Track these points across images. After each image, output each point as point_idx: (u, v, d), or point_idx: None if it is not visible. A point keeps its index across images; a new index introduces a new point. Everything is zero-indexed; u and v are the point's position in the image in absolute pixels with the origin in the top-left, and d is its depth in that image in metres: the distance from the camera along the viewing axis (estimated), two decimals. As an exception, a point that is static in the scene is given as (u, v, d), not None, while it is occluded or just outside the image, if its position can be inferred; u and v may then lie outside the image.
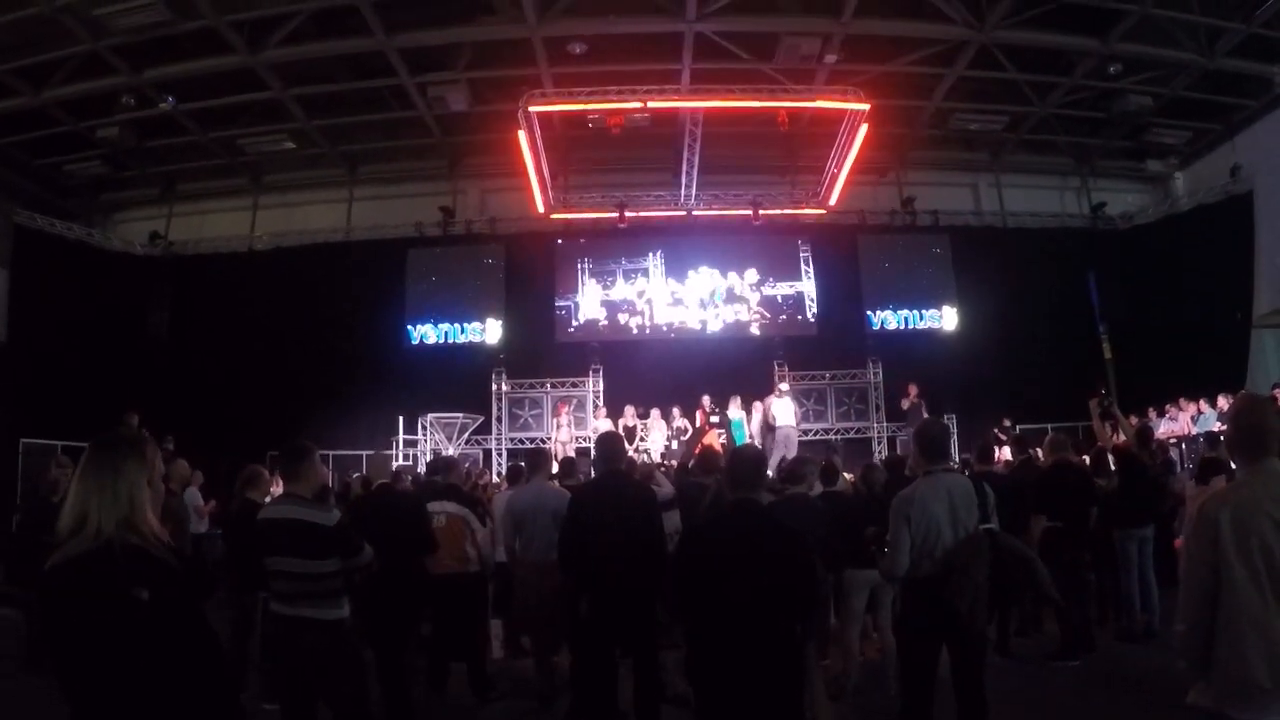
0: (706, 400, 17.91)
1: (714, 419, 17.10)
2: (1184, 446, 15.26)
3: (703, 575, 4.06)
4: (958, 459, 12.89)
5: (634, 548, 5.81)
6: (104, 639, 2.82)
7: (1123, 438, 10.12)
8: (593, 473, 7.75)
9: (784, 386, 19.10)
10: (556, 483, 8.32)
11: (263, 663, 7.51)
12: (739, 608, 3.94)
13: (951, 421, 17.67)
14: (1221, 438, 12.78)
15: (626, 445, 16.96)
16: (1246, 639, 3.10)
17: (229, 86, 18.65)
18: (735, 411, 18.20)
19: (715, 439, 15.94)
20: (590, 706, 6.30)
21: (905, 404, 18.74)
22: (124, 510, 2.96)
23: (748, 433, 18.23)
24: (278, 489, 13.80)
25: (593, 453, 8.99)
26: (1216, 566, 3.19)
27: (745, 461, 4.54)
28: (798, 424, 18.80)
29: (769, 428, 17.88)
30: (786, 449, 16.92)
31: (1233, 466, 10.09)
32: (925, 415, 17.70)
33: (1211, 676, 3.22)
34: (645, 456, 16.85)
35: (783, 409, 18.08)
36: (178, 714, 2.89)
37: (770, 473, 8.76)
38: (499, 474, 17.29)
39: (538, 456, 8.27)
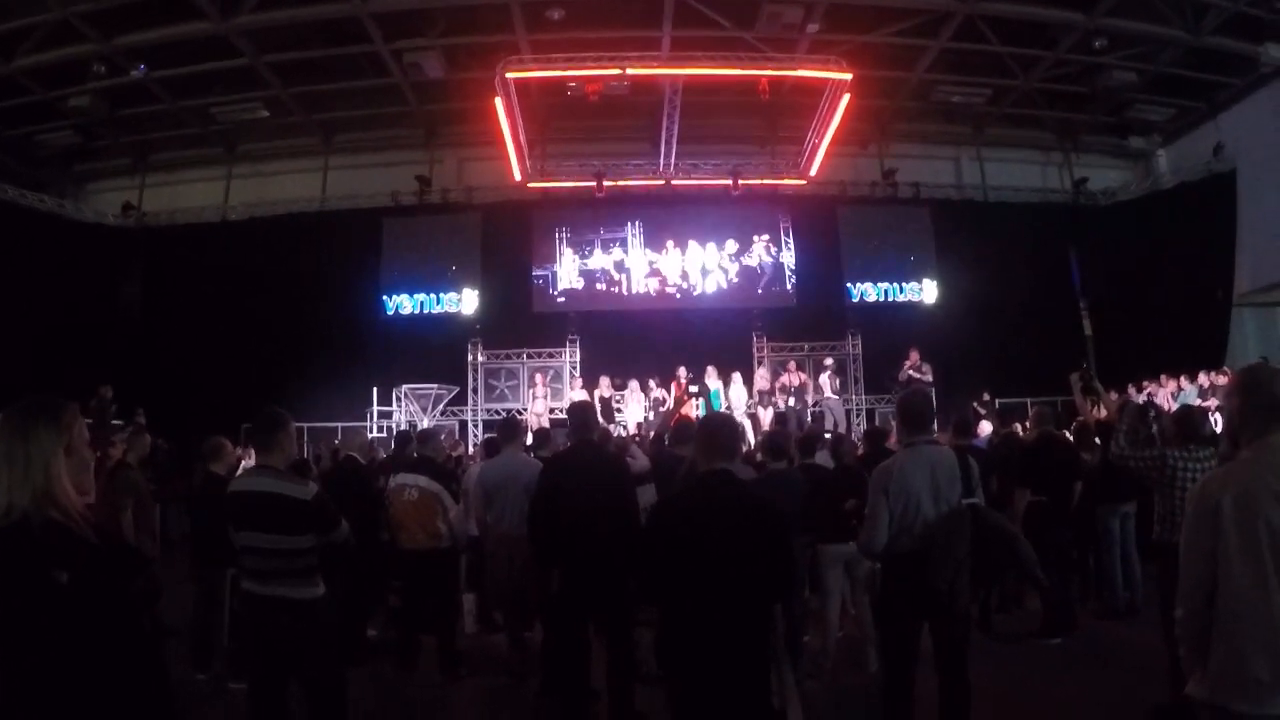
0: (682, 372, 17.80)
1: (692, 389, 16.97)
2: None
3: (671, 549, 3.89)
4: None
5: (606, 520, 5.66)
6: (20, 622, 2.59)
7: (1104, 413, 10.00)
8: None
9: (828, 361, 19.60)
10: (531, 454, 8.13)
11: (230, 641, 7.34)
12: (709, 583, 3.77)
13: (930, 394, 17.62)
14: (1216, 410, 12.79)
15: (600, 416, 17.04)
16: (1244, 629, 2.96)
17: (201, 54, 18.34)
18: (712, 382, 18.13)
19: (693, 410, 15.80)
20: (561, 683, 6.18)
21: (905, 372, 18.23)
22: (38, 482, 2.68)
23: (724, 403, 18.17)
24: (250, 460, 13.73)
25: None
26: (1214, 553, 3.03)
27: (716, 430, 4.35)
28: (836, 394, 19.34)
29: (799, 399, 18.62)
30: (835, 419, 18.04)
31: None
32: (930, 380, 17.63)
33: (1209, 666, 3.07)
34: (622, 429, 16.75)
35: (825, 382, 18.87)
36: (103, 702, 2.67)
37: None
38: (474, 445, 17.14)
39: (510, 427, 8.05)
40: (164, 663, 2.98)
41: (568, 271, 21.58)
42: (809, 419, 18.08)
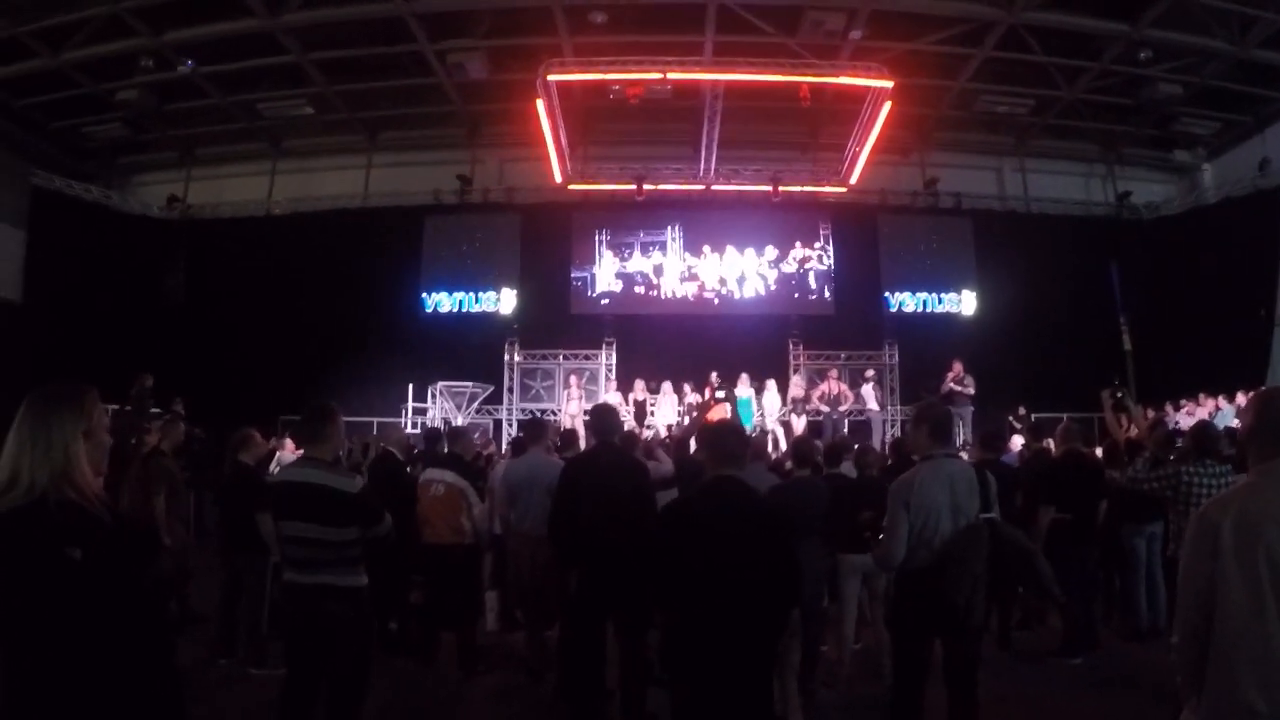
0: (714, 377, 17.80)
1: (719, 395, 16.95)
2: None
3: (677, 554, 3.93)
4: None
5: (624, 522, 5.71)
6: (33, 598, 2.69)
7: (1136, 431, 9.92)
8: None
9: (870, 373, 19.65)
10: (556, 455, 8.20)
11: (270, 630, 7.46)
12: (713, 588, 3.81)
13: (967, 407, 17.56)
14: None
15: (630, 419, 17.09)
16: (1241, 658, 2.87)
17: (248, 50, 18.57)
18: (744, 389, 18.12)
19: (721, 415, 15.79)
20: (577, 682, 6.22)
21: (947, 384, 17.90)
22: (58, 464, 2.80)
23: (756, 411, 18.17)
24: (286, 451, 13.92)
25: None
26: (1213, 578, 2.95)
27: (723, 437, 4.37)
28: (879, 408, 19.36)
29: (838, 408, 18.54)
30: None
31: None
32: (972, 393, 17.52)
33: (1203, 695, 3.00)
34: (649, 432, 16.79)
35: (869, 393, 18.90)
36: (108, 676, 2.75)
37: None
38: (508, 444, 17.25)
39: (535, 427, 8.15)
40: (173, 644, 3.07)
41: (606, 274, 21.64)
42: (845, 429, 18.01)
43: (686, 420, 17.54)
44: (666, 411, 18.47)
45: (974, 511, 5.13)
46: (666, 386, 18.72)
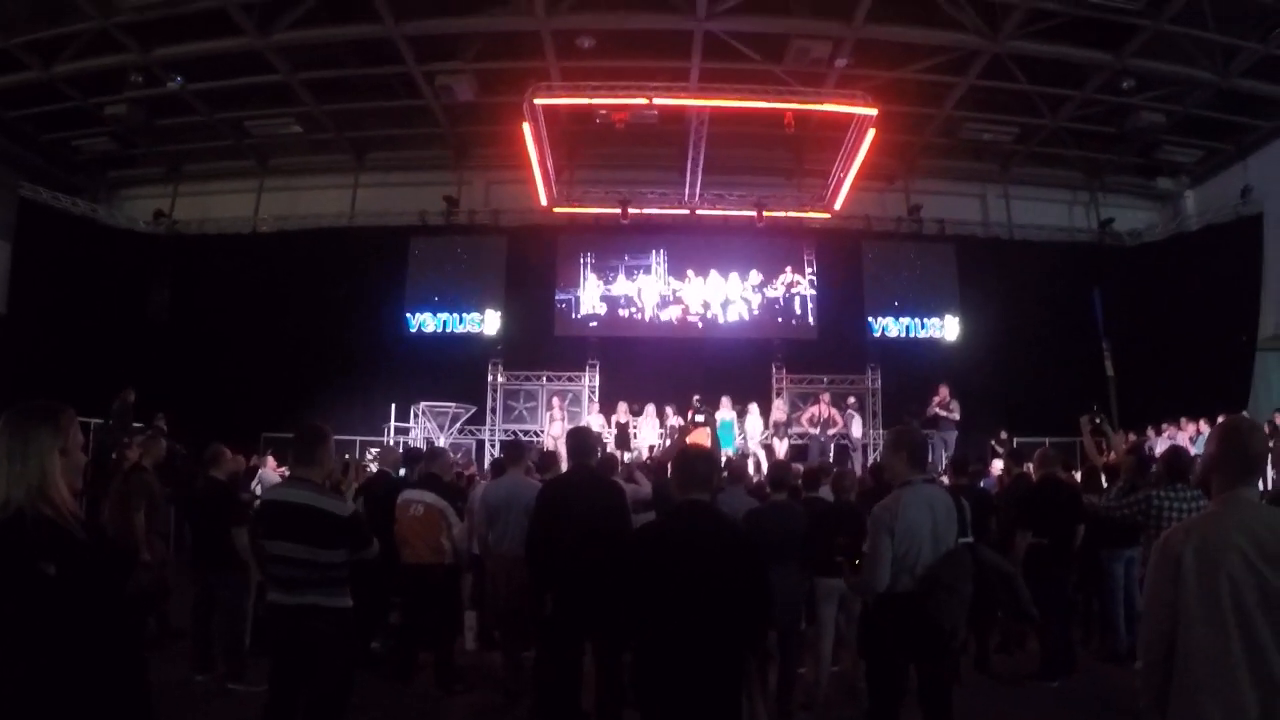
0: (696, 399, 17.85)
1: (699, 418, 16.98)
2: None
3: (645, 578, 3.96)
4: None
5: (600, 544, 5.66)
6: (6, 612, 2.71)
7: (1113, 456, 9.98)
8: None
9: (851, 400, 19.87)
10: (535, 476, 8.21)
11: (254, 648, 7.45)
12: (681, 611, 3.83)
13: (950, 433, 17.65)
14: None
15: (611, 441, 17.09)
16: (1202, 686, 2.93)
17: (237, 68, 18.60)
18: (726, 413, 18.21)
19: (702, 438, 15.80)
20: (552, 704, 6.22)
21: (933, 409, 18.02)
22: (34, 480, 2.83)
23: (738, 434, 18.21)
24: (268, 469, 13.89)
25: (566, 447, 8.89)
26: (1175, 603, 3.01)
27: (691, 462, 4.39)
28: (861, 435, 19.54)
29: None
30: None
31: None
32: (957, 418, 17.60)
33: (1168, 717, 3.06)
34: (633, 454, 16.82)
35: (855, 423, 19.23)
36: (80, 691, 2.76)
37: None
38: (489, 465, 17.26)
39: (515, 449, 8.17)
40: (144, 661, 3.08)
41: (590, 296, 21.68)
42: (832, 452, 18.07)
43: (668, 442, 17.56)
44: (649, 433, 18.49)
45: (953, 537, 5.15)
46: (650, 409, 18.77)
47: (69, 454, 3.01)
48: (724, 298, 21.61)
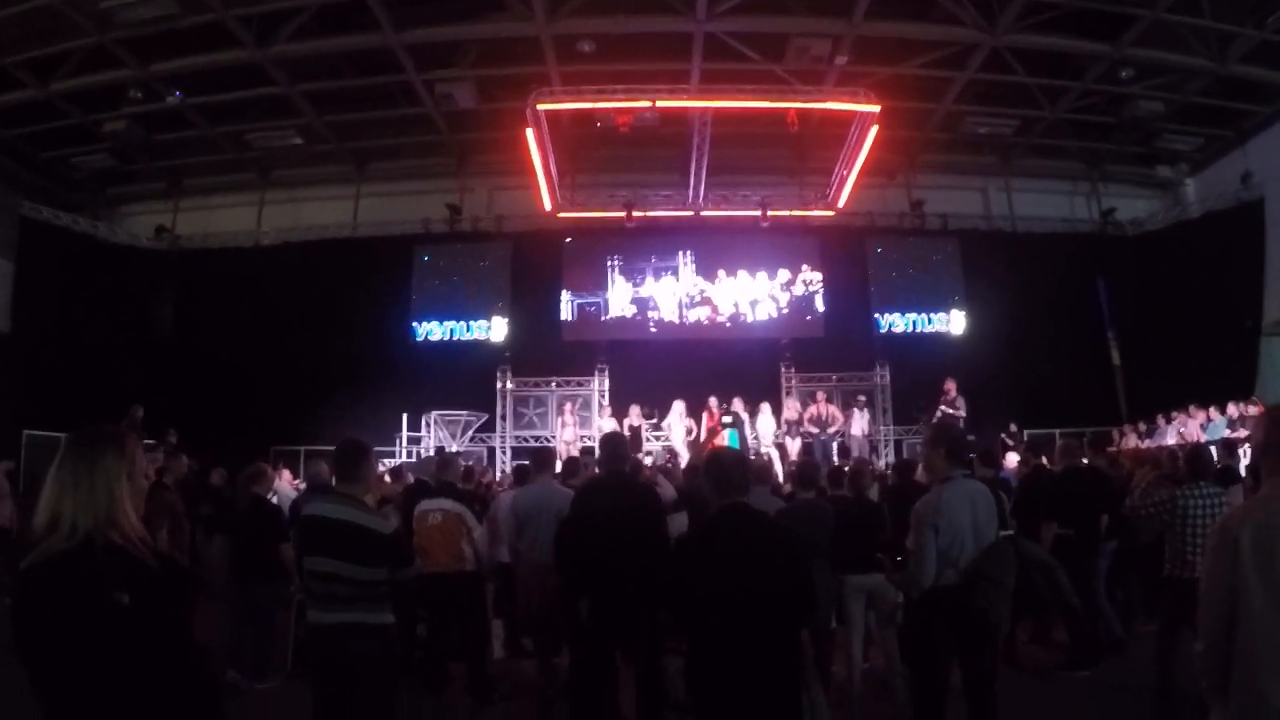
0: (714, 402, 17.84)
1: (726, 419, 16.98)
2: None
3: (695, 583, 3.98)
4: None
5: (634, 549, 5.68)
6: (81, 644, 2.64)
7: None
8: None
9: (862, 398, 19.87)
10: (559, 483, 8.19)
11: (295, 669, 7.54)
12: (734, 613, 3.86)
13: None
14: (1247, 443, 12.66)
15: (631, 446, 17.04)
16: (1263, 664, 2.96)
17: (237, 81, 18.63)
18: (738, 413, 18.10)
19: (723, 440, 15.85)
20: (588, 711, 6.20)
21: (939, 406, 18.06)
22: (101, 506, 2.77)
23: (750, 434, 18.18)
24: (283, 482, 13.86)
25: (597, 452, 8.86)
26: (1235, 587, 3.04)
27: (725, 466, 4.42)
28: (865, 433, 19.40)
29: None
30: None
31: (1242, 475, 10.07)
32: (963, 414, 17.59)
33: (1230, 700, 3.08)
34: (650, 458, 16.79)
35: (856, 421, 19.09)
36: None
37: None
38: (503, 472, 17.25)
39: (543, 455, 8.12)
40: (215, 680, 3.06)
41: (620, 298, 21.60)
42: (835, 450, 18.08)
43: (684, 445, 17.57)
44: (678, 430, 18.43)
45: (993, 530, 5.22)
46: (679, 406, 18.63)
47: (134, 479, 2.94)
48: (732, 298, 21.51)
